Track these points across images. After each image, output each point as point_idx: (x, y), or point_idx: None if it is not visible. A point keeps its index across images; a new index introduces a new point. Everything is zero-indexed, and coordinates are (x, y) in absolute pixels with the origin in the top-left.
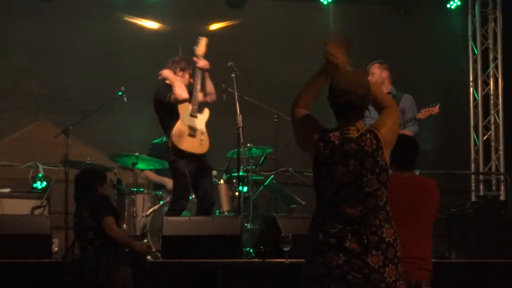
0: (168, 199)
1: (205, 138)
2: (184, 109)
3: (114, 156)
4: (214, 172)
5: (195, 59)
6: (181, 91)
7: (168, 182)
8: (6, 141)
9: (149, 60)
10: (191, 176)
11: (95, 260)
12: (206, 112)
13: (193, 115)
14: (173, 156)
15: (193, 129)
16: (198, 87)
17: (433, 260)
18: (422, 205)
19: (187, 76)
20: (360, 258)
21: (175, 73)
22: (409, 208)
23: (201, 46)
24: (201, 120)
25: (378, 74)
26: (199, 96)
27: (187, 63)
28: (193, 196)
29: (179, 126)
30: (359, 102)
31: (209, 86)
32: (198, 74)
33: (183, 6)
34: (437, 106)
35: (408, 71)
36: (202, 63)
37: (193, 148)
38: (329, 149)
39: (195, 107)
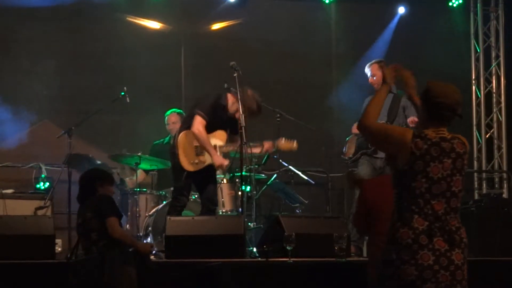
0: (171, 199)
1: (199, 162)
2: (218, 136)
3: (117, 157)
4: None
5: (271, 144)
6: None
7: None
8: (9, 141)
9: (151, 60)
10: (194, 176)
11: (99, 260)
12: (226, 161)
13: (216, 149)
14: (173, 153)
15: (201, 151)
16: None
17: None
18: None
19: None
20: (446, 255)
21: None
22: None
23: (286, 146)
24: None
25: (379, 74)
26: (234, 149)
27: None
28: (196, 196)
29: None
30: (459, 110)
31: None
32: (257, 149)
33: (185, 6)
34: None
35: (409, 69)
36: (270, 150)
37: (184, 157)
38: (426, 145)
39: (224, 149)
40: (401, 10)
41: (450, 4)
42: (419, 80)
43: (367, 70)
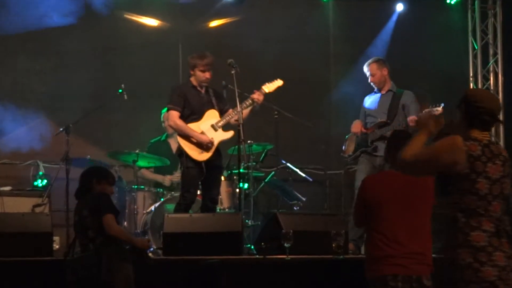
0: (168, 196)
1: (209, 150)
2: (210, 116)
3: (115, 154)
4: None
5: (257, 92)
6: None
7: (164, 180)
8: (6, 139)
9: (149, 58)
10: (206, 168)
11: (96, 258)
12: (229, 134)
13: (214, 127)
14: (181, 152)
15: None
16: (238, 113)
17: (433, 255)
18: (419, 200)
19: (207, 74)
20: (510, 257)
21: (193, 70)
22: (406, 203)
23: (272, 86)
24: (218, 136)
25: (379, 73)
26: (232, 120)
27: (196, 60)
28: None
29: (194, 127)
30: (499, 116)
31: (246, 116)
32: (248, 103)
33: (182, 3)
34: (441, 107)
35: (408, 67)
36: (261, 98)
37: (191, 152)
38: (480, 146)
39: (221, 123)
40: (400, 7)
41: (448, 1)
42: (417, 78)
43: (366, 69)
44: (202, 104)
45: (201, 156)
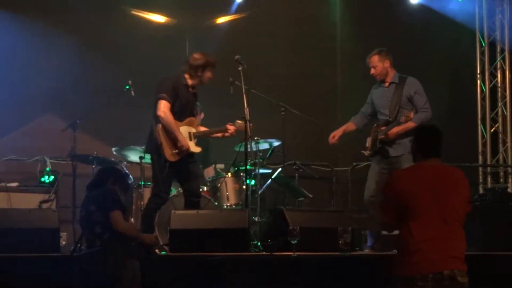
0: (175, 192)
1: (180, 156)
2: (190, 123)
3: (121, 150)
4: (222, 166)
5: (231, 126)
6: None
7: None
8: (13, 135)
9: (156, 54)
10: (176, 167)
11: (103, 254)
12: (198, 149)
13: (190, 136)
14: (155, 147)
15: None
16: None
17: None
18: (454, 195)
19: (208, 74)
20: None
21: (197, 72)
22: (437, 198)
23: (242, 126)
24: (191, 146)
25: (381, 65)
26: (211, 135)
27: (207, 62)
28: (180, 190)
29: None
30: None
31: (211, 135)
32: (218, 130)
33: None
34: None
35: (415, 63)
36: (232, 130)
37: (165, 149)
38: None
39: (198, 135)
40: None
41: None
42: (425, 74)
43: (368, 61)
44: (188, 105)
45: (172, 156)
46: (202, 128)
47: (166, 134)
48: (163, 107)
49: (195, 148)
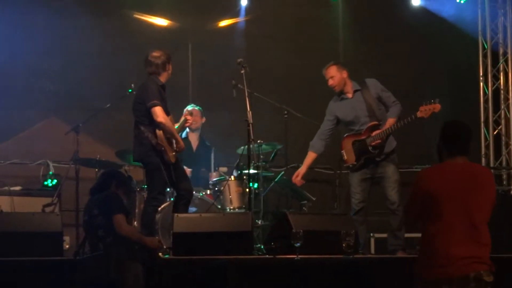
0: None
1: (175, 155)
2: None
3: (123, 153)
4: (225, 169)
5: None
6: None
7: None
8: (16, 139)
9: None
10: (173, 169)
11: (106, 257)
12: None
13: None
14: (152, 152)
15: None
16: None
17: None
18: (482, 195)
19: (171, 68)
20: None
21: (166, 67)
22: (464, 199)
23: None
24: None
25: (338, 75)
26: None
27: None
28: (204, 194)
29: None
30: None
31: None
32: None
33: (192, 2)
34: (438, 103)
35: (417, 65)
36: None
37: (168, 155)
38: None
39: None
40: (416, 1)
41: (458, 0)
42: (427, 76)
43: (325, 73)
44: (166, 104)
45: (172, 158)
46: (176, 124)
47: (166, 138)
48: (161, 113)
49: None
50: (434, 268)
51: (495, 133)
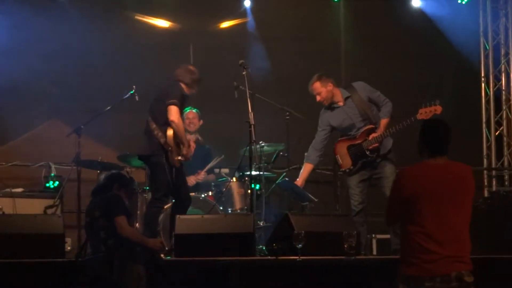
0: None
1: (180, 160)
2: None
3: (125, 157)
4: (226, 170)
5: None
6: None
7: (189, 180)
8: (18, 140)
9: (160, 58)
10: (175, 173)
11: (108, 259)
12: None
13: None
14: (158, 151)
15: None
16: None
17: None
18: (463, 194)
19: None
20: None
21: (194, 86)
22: (448, 197)
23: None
24: None
25: (324, 90)
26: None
27: (200, 78)
28: (206, 195)
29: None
30: None
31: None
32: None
33: (193, 4)
34: (438, 105)
35: (419, 66)
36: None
37: (173, 157)
38: None
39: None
40: (416, 3)
41: (459, 1)
42: (429, 77)
43: (310, 90)
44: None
45: (177, 162)
46: None
47: (174, 140)
48: (176, 113)
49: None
50: (416, 265)
51: (496, 134)
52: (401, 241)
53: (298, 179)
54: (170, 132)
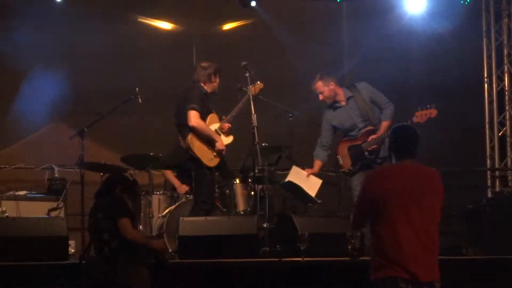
0: (183, 200)
1: (219, 156)
2: (212, 121)
3: (128, 158)
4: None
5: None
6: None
7: (180, 187)
8: (21, 143)
9: (163, 61)
10: (212, 179)
11: (111, 261)
12: (231, 138)
13: (218, 132)
14: (190, 157)
15: (211, 142)
16: (237, 110)
17: (450, 257)
18: (431, 195)
19: (218, 80)
20: None
21: (211, 79)
22: (414, 198)
23: (257, 89)
24: (224, 140)
25: (326, 89)
26: (230, 119)
27: (215, 69)
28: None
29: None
30: None
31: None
32: (246, 100)
33: (196, 6)
34: (434, 108)
35: (421, 66)
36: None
37: (203, 157)
38: None
39: (225, 128)
40: (416, 7)
41: (462, 1)
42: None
43: (313, 89)
44: (207, 108)
45: (212, 161)
46: (224, 117)
47: (200, 141)
48: (194, 117)
49: (226, 141)
50: (389, 268)
51: (500, 134)
52: (371, 244)
53: (312, 168)
54: (190, 137)
